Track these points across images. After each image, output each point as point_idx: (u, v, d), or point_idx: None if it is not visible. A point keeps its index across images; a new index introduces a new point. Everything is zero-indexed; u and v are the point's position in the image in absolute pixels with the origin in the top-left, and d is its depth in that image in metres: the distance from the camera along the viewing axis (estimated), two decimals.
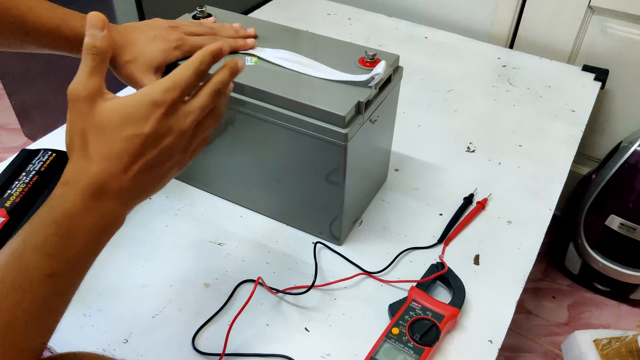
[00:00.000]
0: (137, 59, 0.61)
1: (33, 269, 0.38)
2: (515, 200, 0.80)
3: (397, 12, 1.34)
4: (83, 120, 0.41)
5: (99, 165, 0.41)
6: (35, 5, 0.57)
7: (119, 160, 0.41)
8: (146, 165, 0.43)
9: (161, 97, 0.42)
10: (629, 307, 1.27)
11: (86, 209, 0.40)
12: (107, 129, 0.41)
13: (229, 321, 0.61)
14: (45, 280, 0.38)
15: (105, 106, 0.42)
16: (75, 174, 0.41)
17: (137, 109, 0.42)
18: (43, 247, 0.38)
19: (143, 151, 0.42)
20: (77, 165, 0.41)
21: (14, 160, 0.73)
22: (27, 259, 0.38)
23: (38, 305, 0.38)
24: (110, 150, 0.41)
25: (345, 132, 0.59)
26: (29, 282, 0.37)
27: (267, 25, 0.73)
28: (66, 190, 0.40)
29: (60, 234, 0.39)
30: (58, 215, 0.39)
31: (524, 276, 0.69)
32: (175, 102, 0.43)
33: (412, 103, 1.01)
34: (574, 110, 1.00)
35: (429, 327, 0.59)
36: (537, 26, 1.21)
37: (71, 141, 0.42)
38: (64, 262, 0.40)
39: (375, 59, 0.64)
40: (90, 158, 0.41)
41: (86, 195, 0.40)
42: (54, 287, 0.39)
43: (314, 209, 0.70)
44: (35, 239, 0.38)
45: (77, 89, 0.42)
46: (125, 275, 0.67)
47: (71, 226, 0.40)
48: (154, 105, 0.42)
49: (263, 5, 1.33)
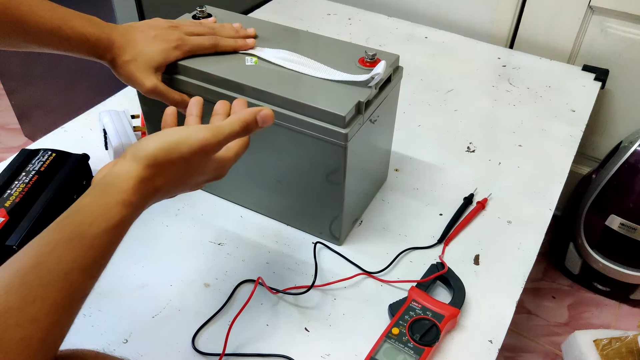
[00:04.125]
0: (137, 58, 0.61)
1: (76, 290, 0.38)
2: (515, 200, 0.80)
3: (397, 12, 1.34)
4: (186, 162, 0.44)
5: (155, 197, 0.44)
6: (36, 5, 0.57)
7: (169, 193, 0.47)
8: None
9: (218, 151, 0.48)
10: (629, 307, 1.27)
11: (128, 229, 0.42)
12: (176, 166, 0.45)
13: (229, 321, 0.61)
14: (82, 299, 0.39)
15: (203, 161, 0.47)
16: (140, 199, 0.42)
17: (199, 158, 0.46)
18: (91, 270, 0.39)
19: (192, 187, 0.50)
20: (142, 189, 0.42)
21: (14, 160, 0.73)
22: (73, 280, 0.37)
23: (70, 321, 0.38)
24: (167, 186, 0.45)
25: (345, 132, 0.59)
26: (70, 301, 0.37)
27: (267, 25, 0.73)
28: (126, 214, 0.41)
29: (107, 257, 0.40)
30: (112, 239, 0.40)
31: (524, 276, 0.69)
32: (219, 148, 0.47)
33: (412, 103, 1.01)
34: (574, 110, 1.00)
35: (429, 327, 0.59)
36: (537, 26, 1.21)
37: (152, 151, 0.43)
38: (97, 278, 0.40)
39: (375, 59, 0.64)
40: (154, 187, 0.44)
41: (135, 218, 0.42)
42: (83, 303, 0.40)
43: (314, 209, 0.70)
44: (86, 261, 0.38)
45: (212, 143, 0.45)
46: (125, 275, 0.67)
47: (115, 246, 0.41)
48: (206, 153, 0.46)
49: (263, 5, 1.33)
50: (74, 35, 0.59)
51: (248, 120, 0.48)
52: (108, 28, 0.61)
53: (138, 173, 0.42)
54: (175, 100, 0.63)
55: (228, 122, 0.47)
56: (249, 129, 0.48)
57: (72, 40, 0.59)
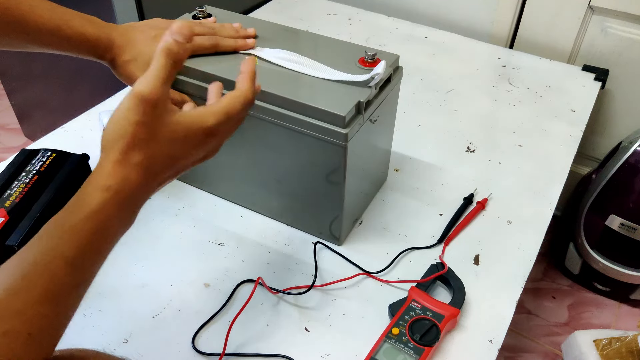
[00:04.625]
0: (137, 58, 0.61)
1: (61, 280, 0.37)
2: (515, 200, 0.80)
3: (397, 12, 1.34)
4: (141, 125, 0.40)
5: (141, 176, 0.40)
6: (36, 5, 0.57)
7: (159, 174, 0.42)
8: (176, 176, 0.46)
9: (215, 127, 0.45)
10: (629, 307, 1.27)
11: (119, 219, 0.40)
12: (160, 143, 0.41)
13: (229, 321, 0.61)
14: (69, 291, 0.38)
15: (168, 119, 0.42)
16: (116, 180, 0.39)
17: (196, 134, 0.44)
18: (74, 259, 0.37)
19: (180, 169, 0.45)
20: (117, 170, 0.39)
21: (14, 160, 0.73)
22: (56, 269, 0.36)
23: (59, 315, 0.37)
24: (155, 164, 0.41)
25: (345, 132, 0.59)
26: (55, 292, 0.36)
27: (267, 25, 0.73)
28: (105, 197, 0.39)
29: (92, 245, 0.38)
30: (94, 225, 0.38)
31: (524, 276, 0.69)
32: (225, 131, 0.46)
33: (412, 103, 1.01)
34: (574, 110, 1.00)
35: (429, 327, 0.59)
36: (537, 26, 1.21)
37: (118, 139, 0.40)
38: (89, 272, 0.39)
39: (375, 59, 0.64)
40: (134, 166, 0.40)
41: (122, 206, 0.40)
42: (75, 297, 0.39)
43: (314, 209, 0.70)
44: (67, 249, 0.37)
45: (148, 91, 0.40)
46: (125, 275, 0.67)
47: (102, 237, 0.39)
48: (209, 134, 0.44)
49: (263, 5, 1.33)
50: (73, 35, 0.59)
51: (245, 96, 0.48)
52: (108, 28, 0.62)
53: (107, 156, 0.40)
54: (175, 100, 0.64)
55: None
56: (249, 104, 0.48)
57: (72, 40, 0.59)
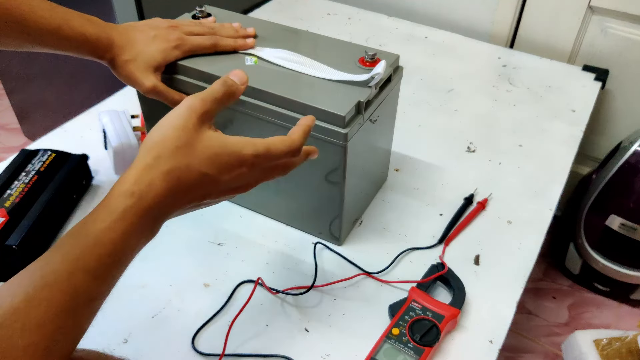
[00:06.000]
0: (137, 58, 0.61)
1: (81, 291, 0.36)
2: (516, 200, 0.80)
3: (397, 12, 1.34)
4: (183, 130, 0.41)
5: (168, 185, 0.40)
6: (36, 5, 0.57)
7: (186, 189, 0.41)
8: (200, 204, 0.44)
9: (252, 158, 0.43)
10: (629, 307, 1.27)
11: (141, 228, 0.39)
12: (194, 155, 0.41)
13: (229, 321, 0.61)
14: (88, 304, 0.37)
15: (208, 134, 0.42)
16: (140, 186, 0.39)
17: (229, 156, 0.42)
18: (95, 270, 0.36)
19: (208, 193, 0.43)
20: (144, 175, 0.39)
21: (14, 160, 0.73)
22: (77, 281, 0.36)
23: (77, 327, 0.36)
24: (184, 177, 0.40)
25: (345, 132, 0.59)
26: (75, 305, 0.35)
27: (267, 25, 0.73)
28: (127, 204, 0.38)
29: (113, 256, 0.38)
30: (116, 235, 0.37)
31: (524, 276, 0.69)
32: (259, 167, 0.45)
33: (412, 103, 1.01)
34: (574, 110, 1.00)
35: (429, 327, 0.59)
36: (537, 26, 1.21)
37: (156, 140, 0.40)
38: (109, 284, 0.38)
39: (375, 59, 0.64)
40: (162, 174, 0.39)
41: (144, 214, 0.39)
42: (93, 309, 0.38)
43: (313, 209, 0.70)
44: (89, 260, 0.36)
45: (197, 104, 0.42)
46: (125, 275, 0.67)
47: (124, 247, 0.38)
48: (243, 162, 0.43)
49: (263, 5, 1.33)
50: (74, 35, 0.59)
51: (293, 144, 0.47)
52: (108, 28, 0.61)
53: (140, 160, 0.40)
54: (175, 100, 0.63)
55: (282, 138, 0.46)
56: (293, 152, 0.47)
57: (72, 40, 0.59)
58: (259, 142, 0.44)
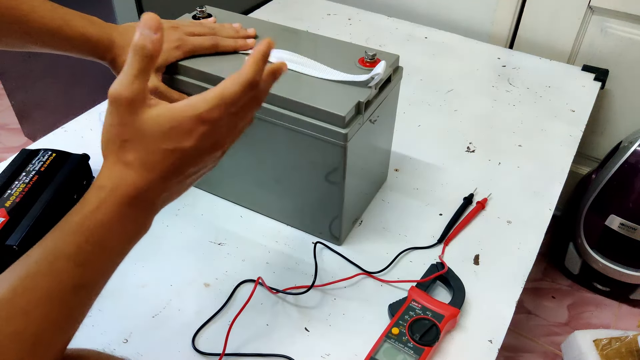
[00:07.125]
0: None
1: (64, 278, 0.36)
2: (515, 200, 0.80)
3: (397, 12, 1.34)
4: (123, 125, 0.39)
5: (138, 173, 0.39)
6: (37, 5, 0.57)
7: (158, 170, 0.40)
8: (183, 177, 0.42)
9: (207, 114, 0.40)
10: (629, 307, 1.27)
11: (120, 218, 0.39)
12: (148, 138, 0.39)
13: (229, 321, 0.61)
14: (74, 291, 0.37)
15: (149, 114, 0.40)
16: (112, 180, 0.39)
17: (182, 123, 0.40)
18: (76, 256, 0.37)
19: (182, 164, 0.41)
20: (113, 170, 0.39)
21: (14, 160, 0.73)
22: (59, 267, 0.36)
23: (65, 316, 0.37)
24: (149, 160, 0.39)
25: (345, 132, 0.59)
26: (59, 292, 0.36)
27: (267, 25, 0.74)
28: (101, 196, 0.38)
29: (93, 243, 0.38)
30: (92, 223, 0.38)
31: (524, 276, 0.69)
32: (221, 118, 0.41)
33: (412, 103, 1.01)
34: (574, 110, 1.00)
35: (428, 327, 0.59)
36: (537, 26, 1.21)
37: (108, 143, 0.40)
38: (94, 271, 0.39)
39: (375, 59, 0.64)
40: (129, 165, 0.39)
41: (122, 204, 0.39)
42: (82, 298, 0.38)
43: (313, 209, 0.70)
44: (68, 247, 0.37)
45: (120, 91, 0.40)
46: (125, 275, 0.67)
47: (104, 235, 0.38)
48: (199, 121, 0.40)
49: (263, 5, 1.33)
50: (74, 36, 0.59)
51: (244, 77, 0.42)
52: (109, 28, 0.62)
53: (109, 157, 0.40)
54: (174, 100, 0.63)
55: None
56: (249, 86, 0.42)
57: (73, 41, 0.60)
58: (210, 94, 0.41)
